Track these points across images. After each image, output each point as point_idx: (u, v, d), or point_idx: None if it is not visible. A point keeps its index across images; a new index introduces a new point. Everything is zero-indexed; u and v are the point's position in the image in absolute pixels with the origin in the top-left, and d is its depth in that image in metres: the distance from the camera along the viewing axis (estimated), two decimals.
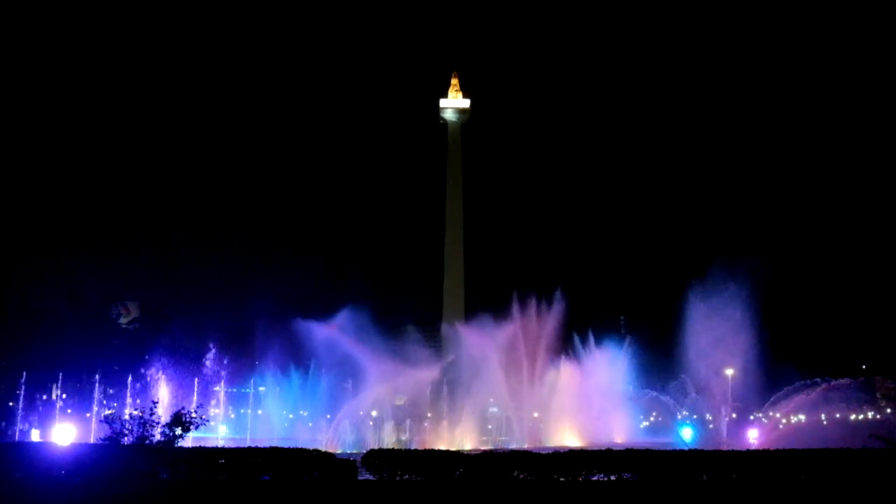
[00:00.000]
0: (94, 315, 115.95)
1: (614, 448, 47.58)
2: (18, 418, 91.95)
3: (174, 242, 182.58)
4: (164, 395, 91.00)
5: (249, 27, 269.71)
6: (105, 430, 47.60)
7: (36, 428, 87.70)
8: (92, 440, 70.82)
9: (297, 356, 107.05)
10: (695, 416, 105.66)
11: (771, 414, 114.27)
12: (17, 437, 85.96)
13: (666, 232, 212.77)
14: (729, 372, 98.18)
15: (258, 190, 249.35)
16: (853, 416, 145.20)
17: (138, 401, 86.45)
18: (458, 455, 44.32)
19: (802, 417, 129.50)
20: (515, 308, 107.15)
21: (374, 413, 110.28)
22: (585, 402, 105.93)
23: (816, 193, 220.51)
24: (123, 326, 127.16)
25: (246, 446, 62.87)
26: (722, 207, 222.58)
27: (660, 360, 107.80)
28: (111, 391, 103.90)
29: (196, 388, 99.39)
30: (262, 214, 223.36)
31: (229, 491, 39.86)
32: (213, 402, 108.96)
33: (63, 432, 65.97)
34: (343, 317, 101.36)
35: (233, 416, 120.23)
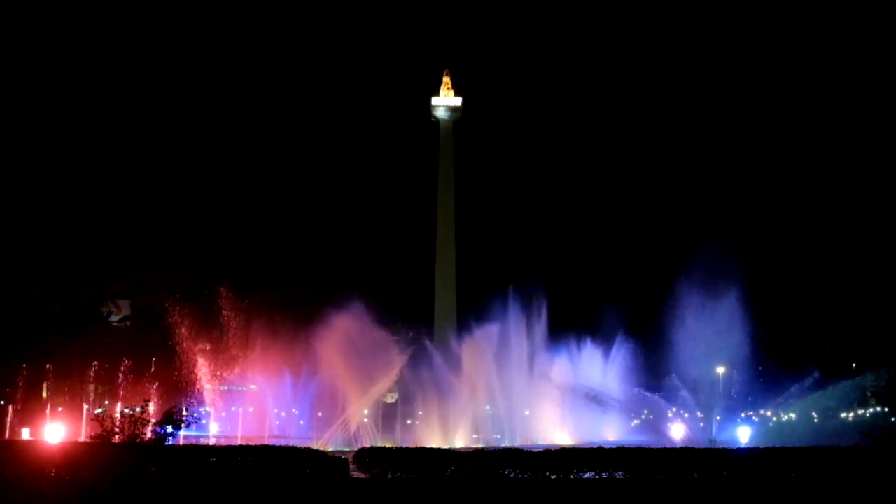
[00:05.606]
0: (84, 313, 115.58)
1: (605, 446, 47.74)
2: (9, 417, 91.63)
3: (166, 240, 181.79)
4: (155, 394, 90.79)
5: (238, 22, 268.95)
6: (96, 429, 47.49)
7: (26, 426, 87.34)
8: (83, 438, 70.66)
9: (290, 354, 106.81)
10: (686, 415, 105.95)
11: (762, 412, 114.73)
12: (6, 436, 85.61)
13: (659, 229, 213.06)
14: (720, 370, 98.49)
15: (250, 187, 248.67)
16: (843, 414, 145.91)
17: (129, 399, 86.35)
18: (449, 453, 44.36)
19: (793, 415, 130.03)
20: (507, 306, 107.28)
21: (365, 411, 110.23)
22: (577, 400, 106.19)
23: (809, 190, 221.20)
24: (114, 324, 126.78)
25: (237, 444, 62.97)
26: (714, 205, 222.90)
27: (652, 357, 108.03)
28: (101, 389, 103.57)
29: (187, 386, 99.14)
30: (254, 212, 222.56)
31: (220, 489, 39.80)
32: (205, 400, 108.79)
33: (53, 430, 65.76)
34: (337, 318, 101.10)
35: (224, 414, 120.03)
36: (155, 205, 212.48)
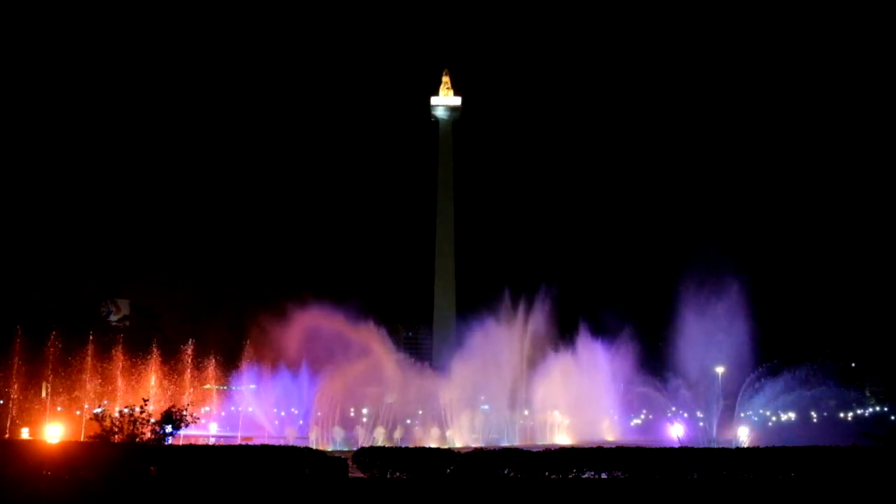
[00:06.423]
0: (84, 313, 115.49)
1: (605, 446, 47.75)
2: (9, 417, 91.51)
3: (166, 240, 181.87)
4: (154, 393, 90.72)
5: (238, 22, 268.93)
6: (95, 428, 47.41)
7: (25, 426, 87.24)
8: (82, 438, 70.52)
9: (289, 354, 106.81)
10: (685, 414, 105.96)
11: (761, 411, 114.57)
12: (6, 436, 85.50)
13: (658, 229, 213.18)
14: (719, 369, 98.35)
15: (249, 187, 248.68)
16: (842, 414, 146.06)
17: (129, 398, 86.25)
18: (448, 453, 44.28)
19: (792, 415, 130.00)
20: (507, 306, 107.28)
21: (364, 410, 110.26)
22: (577, 400, 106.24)
23: (810, 191, 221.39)
24: (114, 324, 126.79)
25: (236, 444, 62.92)
26: (714, 205, 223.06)
27: (651, 357, 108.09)
28: (100, 388, 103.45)
29: (187, 386, 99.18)
30: (253, 212, 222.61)
31: (219, 489, 39.77)
32: (204, 399, 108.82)
33: (52, 430, 65.68)
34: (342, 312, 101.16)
35: (223, 413, 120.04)
36: (155, 205, 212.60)
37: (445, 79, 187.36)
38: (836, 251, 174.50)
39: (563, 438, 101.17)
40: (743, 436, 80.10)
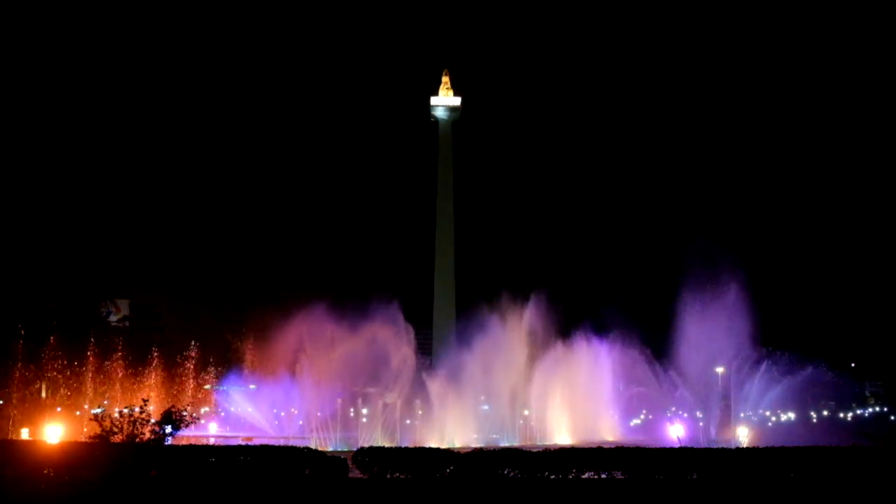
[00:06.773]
0: (83, 313, 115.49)
1: (605, 446, 47.78)
2: (10, 418, 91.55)
3: (166, 240, 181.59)
4: (154, 393, 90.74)
5: (238, 22, 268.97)
6: (94, 429, 47.33)
7: (25, 426, 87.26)
8: (82, 438, 70.56)
9: (288, 354, 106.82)
10: (685, 414, 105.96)
11: (761, 411, 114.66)
12: (8, 436, 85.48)
13: (659, 229, 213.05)
14: (719, 369, 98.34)
15: (249, 187, 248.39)
16: (842, 414, 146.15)
17: (128, 399, 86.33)
18: (448, 453, 44.31)
19: (792, 415, 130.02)
20: (506, 306, 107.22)
21: (364, 411, 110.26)
22: (577, 400, 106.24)
23: (810, 191, 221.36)
24: (114, 324, 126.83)
25: (236, 444, 62.87)
26: (714, 205, 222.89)
27: (651, 357, 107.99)
28: (100, 389, 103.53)
29: (187, 386, 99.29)
30: (253, 212, 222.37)
31: (220, 489, 39.78)
32: (204, 399, 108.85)
33: (52, 430, 65.64)
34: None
35: (223, 413, 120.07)
36: (155, 205, 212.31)
37: (445, 79, 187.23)
38: (836, 251, 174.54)
39: (563, 438, 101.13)
40: (742, 436, 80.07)
